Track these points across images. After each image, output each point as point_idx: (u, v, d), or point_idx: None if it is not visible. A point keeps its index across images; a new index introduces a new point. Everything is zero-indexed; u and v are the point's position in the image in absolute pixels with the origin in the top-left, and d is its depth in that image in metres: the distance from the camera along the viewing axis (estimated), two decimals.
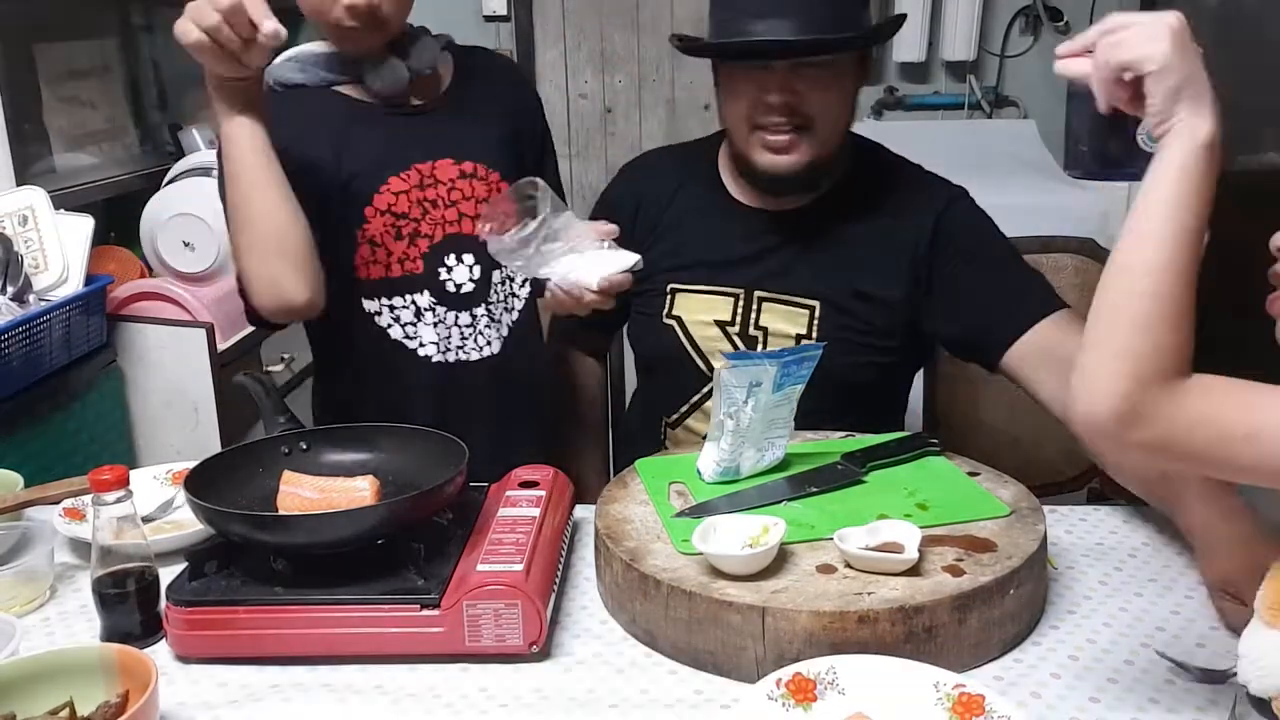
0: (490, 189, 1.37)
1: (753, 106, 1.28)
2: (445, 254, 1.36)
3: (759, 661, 0.92)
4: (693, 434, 1.41)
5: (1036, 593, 1.01)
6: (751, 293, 1.38)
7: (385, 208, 1.34)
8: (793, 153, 1.29)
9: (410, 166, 1.35)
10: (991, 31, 3.20)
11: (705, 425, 1.38)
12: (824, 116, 1.28)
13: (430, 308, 1.37)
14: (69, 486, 1.20)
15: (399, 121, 1.36)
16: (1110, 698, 0.89)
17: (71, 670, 0.88)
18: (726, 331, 1.38)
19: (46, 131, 2.22)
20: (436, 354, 1.38)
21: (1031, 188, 2.65)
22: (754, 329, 1.37)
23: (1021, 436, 1.77)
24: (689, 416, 1.43)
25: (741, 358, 1.09)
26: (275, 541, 1.01)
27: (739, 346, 1.38)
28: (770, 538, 0.97)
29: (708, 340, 1.39)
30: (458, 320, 1.38)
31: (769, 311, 1.37)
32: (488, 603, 0.95)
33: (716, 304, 1.39)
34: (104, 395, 1.93)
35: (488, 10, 3.25)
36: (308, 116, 1.33)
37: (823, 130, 1.29)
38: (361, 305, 1.36)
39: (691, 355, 1.40)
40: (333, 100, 1.35)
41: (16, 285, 1.75)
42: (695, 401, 1.41)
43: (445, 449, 1.10)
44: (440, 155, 1.36)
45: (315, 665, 0.97)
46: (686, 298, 1.40)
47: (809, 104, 1.27)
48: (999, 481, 1.15)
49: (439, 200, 1.36)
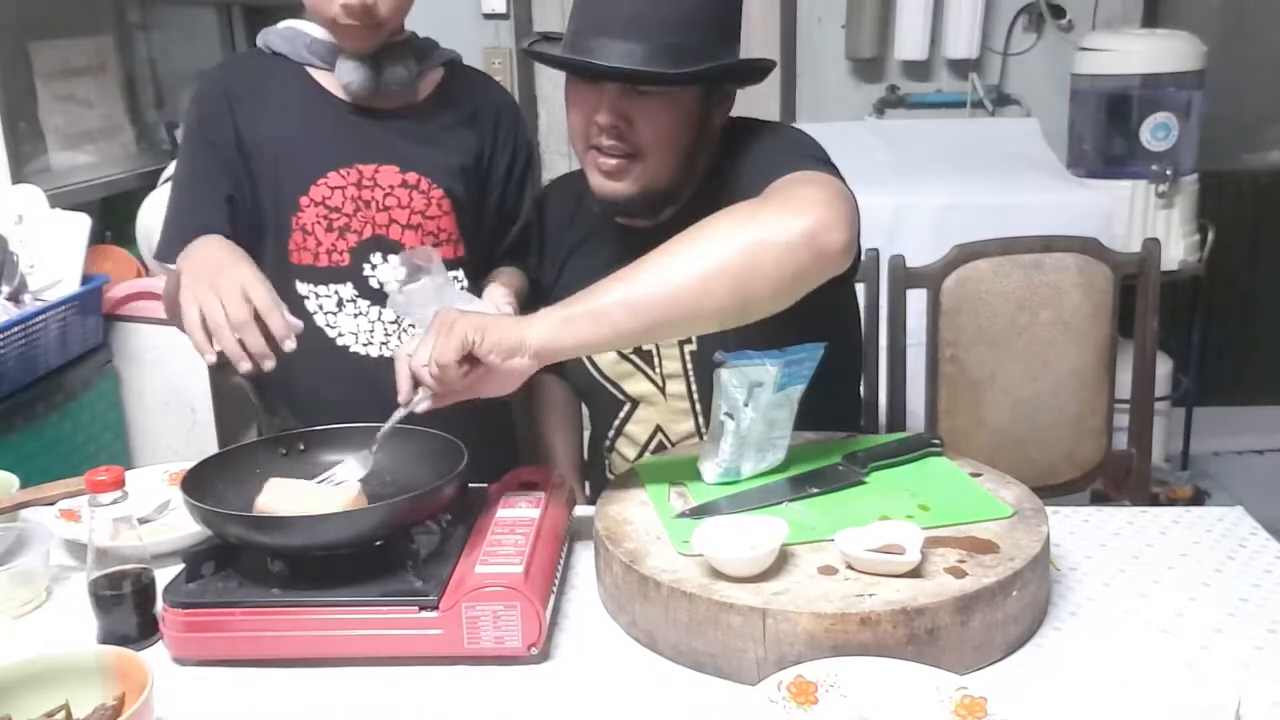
0: (430, 204, 1.39)
1: (586, 125, 1.25)
2: (371, 252, 1.38)
3: (760, 664, 0.91)
4: (625, 459, 1.42)
5: (1039, 594, 1.00)
6: None
7: (320, 199, 1.36)
8: (622, 179, 1.25)
9: (353, 165, 1.37)
10: (994, 29, 3.19)
11: (634, 451, 1.40)
12: (655, 146, 1.23)
13: (353, 299, 1.39)
14: (65, 487, 1.19)
15: (357, 120, 1.38)
16: (1114, 701, 0.88)
17: (67, 673, 0.87)
18: (622, 353, 1.37)
19: (42, 130, 2.21)
20: (356, 345, 1.40)
21: (1034, 186, 2.64)
22: (646, 344, 1.34)
23: (1024, 437, 1.77)
24: (617, 441, 1.43)
25: (740, 358, 1.09)
26: (272, 543, 1.00)
27: (637, 364, 1.37)
28: (771, 539, 0.97)
29: (610, 365, 1.39)
30: (380, 316, 1.40)
31: None
32: (486, 604, 0.94)
33: None
34: (100, 395, 1.93)
35: (487, 8, 3.24)
36: (275, 88, 1.36)
37: (653, 159, 1.24)
38: (295, 287, 1.38)
39: (603, 383, 1.40)
40: (304, 82, 1.38)
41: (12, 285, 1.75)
42: (618, 426, 1.42)
43: (444, 450, 1.10)
44: (386, 161, 1.38)
45: (312, 668, 0.96)
46: None
47: (638, 132, 1.23)
48: (1001, 482, 1.14)
49: (373, 202, 1.38)
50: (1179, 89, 2.72)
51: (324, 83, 1.38)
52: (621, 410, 1.41)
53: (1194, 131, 2.76)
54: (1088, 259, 1.76)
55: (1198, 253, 2.81)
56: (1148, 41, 2.77)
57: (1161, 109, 2.70)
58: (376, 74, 1.34)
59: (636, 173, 1.25)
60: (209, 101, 1.38)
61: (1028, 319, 1.76)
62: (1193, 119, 2.75)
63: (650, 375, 1.37)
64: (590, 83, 1.24)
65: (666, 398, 1.37)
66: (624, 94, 1.22)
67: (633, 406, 1.40)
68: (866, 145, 2.75)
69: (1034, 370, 1.77)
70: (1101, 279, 1.76)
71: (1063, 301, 1.76)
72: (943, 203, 2.37)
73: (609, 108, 1.22)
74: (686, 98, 1.24)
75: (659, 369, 1.36)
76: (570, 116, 1.28)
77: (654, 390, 1.37)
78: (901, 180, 2.51)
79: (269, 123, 1.35)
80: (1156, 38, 2.79)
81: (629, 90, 1.21)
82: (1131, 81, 2.73)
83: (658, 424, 1.39)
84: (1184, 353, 3.00)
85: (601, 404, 1.43)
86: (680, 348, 1.34)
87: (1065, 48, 3.08)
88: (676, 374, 1.35)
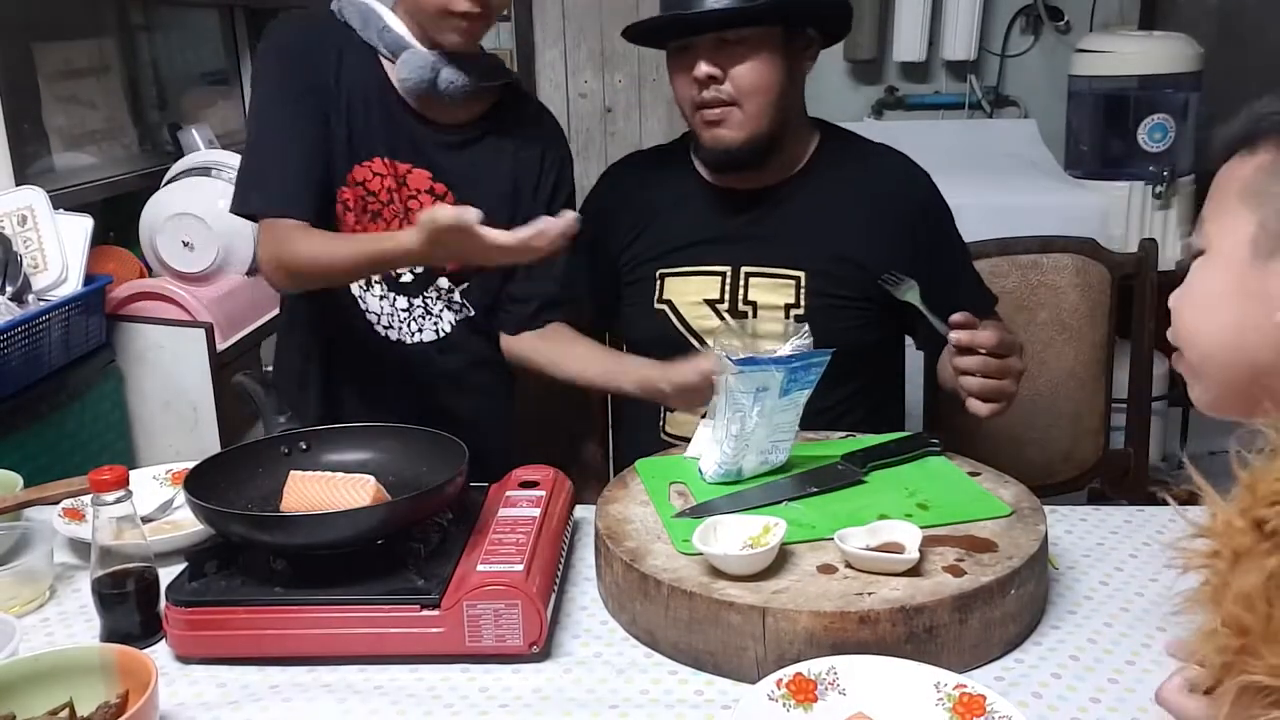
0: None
1: (687, 86, 1.35)
2: None
3: (759, 662, 0.91)
4: (690, 416, 1.42)
5: (1037, 593, 1.01)
6: (738, 269, 1.41)
7: (361, 180, 1.39)
8: (726, 126, 1.35)
9: (391, 160, 1.39)
10: (992, 31, 3.20)
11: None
12: (751, 91, 1.33)
13: (379, 281, 1.44)
14: (68, 487, 1.20)
15: (405, 118, 1.40)
16: (1111, 698, 0.89)
17: (71, 671, 0.87)
18: (716, 309, 1.42)
19: (46, 131, 2.22)
20: (376, 324, 1.45)
21: (1032, 187, 2.64)
22: (743, 304, 1.41)
23: (1022, 437, 1.77)
24: None
25: (748, 363, 1.09)
26: (275, 542, 1.01)
27: (729, 323, 1.41)
28: (771, 538, 0.97)
29: (699, 320, 1.43)
30: (395, 303, 1.45)
31: (756, 286, 1.41)
32: (488, 603, 0.94)
33: (705, 284, 1.42)
34: (103, 395, 1.93)
35: None
36: (348, 63, 1.38)
37: (750, 104, 1.33)
38: None
39: (685, 336, 1.44)
40: (369, 65, 1.39)
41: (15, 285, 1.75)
42: None
43: (445, 449, 1.10)
44: (420, 165, 1.40)
45: (315, 666, 0.97)
46: (675, 281, 1.44)
47: (734, 79, 1.33)
48: (999, 481, 1.15)
49: (402, 199, 1.40)
50: (1176, 90, 2.72)
51: (388, 71, 1.40)
52: None
53: (1191, 133, 2.76)
54: (1085, 259, 1.77)
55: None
56: (1145, 43, 2.77)
57: (1158, 110, 2.70)
58: (434, 79, 1.35)
59: (738, 119, 1.34)
60: (312, 50, 1.38)
61: (1025, 319, 1.76)
62: (1189, 120, 2.75)
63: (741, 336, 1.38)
64: (684, 52, 1.35)
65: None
66: (715, 48, 1.32)
67: None
68: None
69: (1031, 370, 1.77)
70: (1099, 279, 1.76)
71: (1060, 302, 1.76)
72: None
73: (705, 59, 1.32)
74: (770, 44, 1.33)
75: (752, 330, 1.37)
76: (675, 87, 1.38)
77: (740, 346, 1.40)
78: None
79: (338, 95, 1.37)
80: (1153, 39, 2.79)
81: (719, 44, 1.32)
82: (1129, 83, 2.73)
83: None
84: None
85: (672, 359, 1.39)
86: (786, 311, 1.40)
87: (1063, 49, 3.09)
88: (774, 334, 1.33)
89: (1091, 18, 3.16)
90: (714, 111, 1.34)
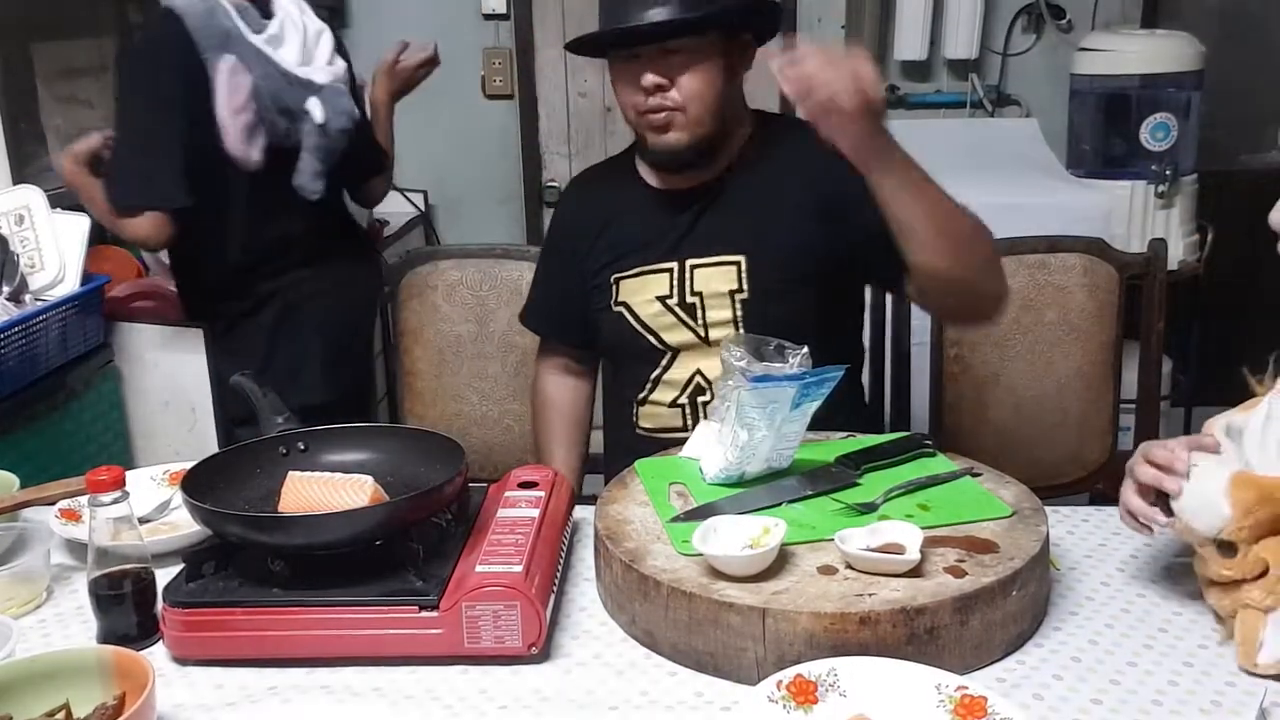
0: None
1: (633, 93, 1.41)
2: None
3: (759, 663, 0.91)
4: (659, 406, 1.48)
5: (1039, 594, 1.00)
6: (684, 262, 1.46)
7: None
8: (671, 130, 1.40)
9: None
10: (994, 29, 3.19)
11: (671, 394, 1.47)
12: (694, 96, 1.38)
13: None
14: (65, 487, 1.19)
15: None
16: (1113, 699, 0.88)
17: (68, 672, 0.87)
18: (667, 305, 1.46)
19: (43, 130, 2.22)
20: None
21: (1034, 187, 2.64)
22: (690, 295, 1.45)
23: (1029, 437, 1.76)
24: (654, 392, 1.49)
25: (762, 380, 1.08)
26: (273, 542, 1.00)
27: (680, 317, 1.45)
28: (771, 539, 0.97)
29: (653, 317, 1.48)
30: None
31: (700, 276, 1.45)
32: (487, 604, 0.94)
33: (653, 282, 1.47)
34: (101, 395, 1.93)
35: (487, 9, 3.24)
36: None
37: (694, 108, 1.39)
38: None
39: (643, 334, 1.48)
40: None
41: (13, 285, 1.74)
42: (656, 377, 1.49)
43: (444, 449, 1.10)
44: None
45: (313, 667, 0.97)
46: (629, 283, 1.49)
47: (678, 86, 1.38)
48: (1000, 482, 1.14)
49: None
50: (1178, 89, 2.71)
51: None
52: (662, 359, 1.48)
53: (1193, 132, 2.75)
54: (1093, 259, 1.76)
55: (1197, 253, 2.81)
56: (1147, 42, 2.77)
57: (1161, 109, 2.70)
58: None
59: (681, 122, 1.40)
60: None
61: (1032, 319, 1.76)
62: (1192, 119, 2.75)
63: (693, 326, 1.45)
64: (628, 62, 1.40)
65: (709, 344, 1.44)
66: (659, 57, 1.38)
67: (672, 355, 1.47)
68: None
69: (1038, 370, 1.77)
70: (1106, 279, 1.75)
71: (1068, 302, 1.75)
72: None
73: (650, 69, 1.38)
74: (711, 50, 1.39)
75: (703, 319, 1.45)
76: (619, 95, 1.44)
77: (695, 340, 1.45)
78: None
79: None
80: (1156, 38, 2.79)
81: (662, 53, 1.37)
82: (1131, 82, 2.73)
83: (697, 368, 1.45)
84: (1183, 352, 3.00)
85: (637, 357, 1.50)
86: (731, 297, 1.44)
87: (1065, 48, 3.08)
88: (724, 321, 1.44)
89: (1093, 16, 3.16)
90: (659, 116, 1.40)
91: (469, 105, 3.29)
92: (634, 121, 1.44)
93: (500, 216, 3.39)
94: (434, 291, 1.86)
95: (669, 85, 1.38)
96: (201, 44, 1.72)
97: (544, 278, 1.65)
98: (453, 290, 1.86)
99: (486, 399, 1.86)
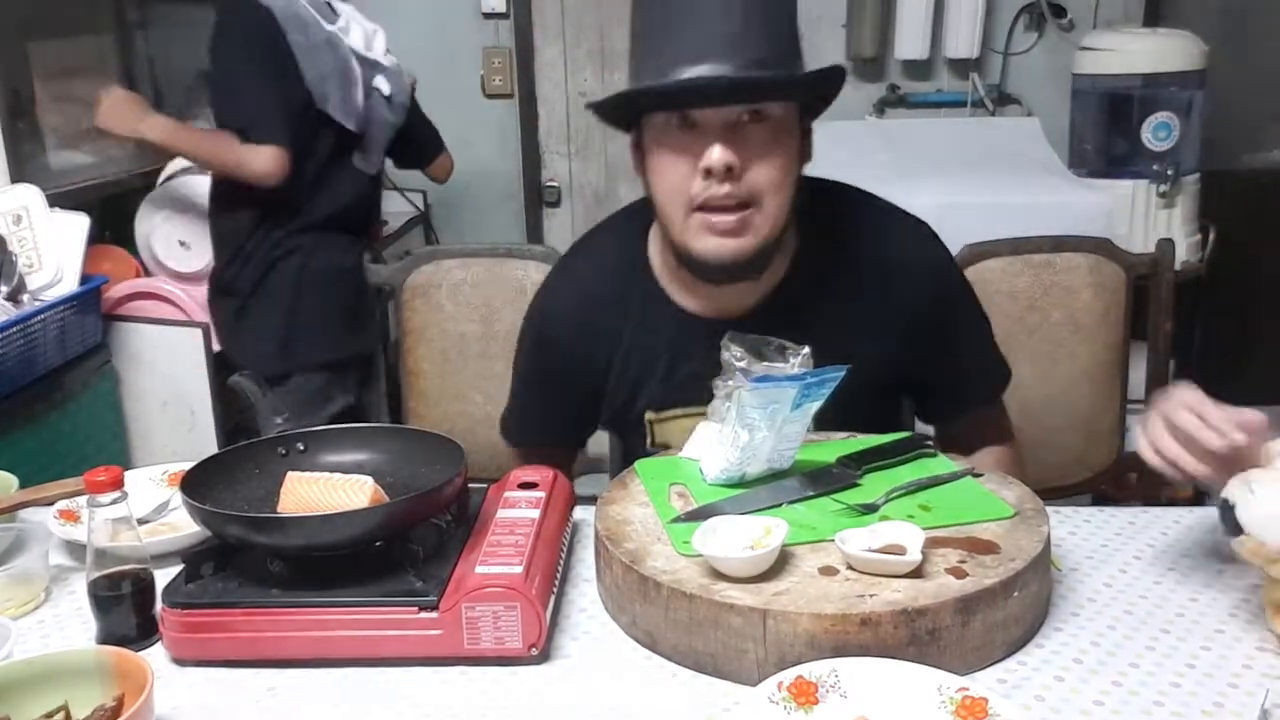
0: None
1: (689, 178, 1.07)
2: None
3: (760, 664, 0.91)
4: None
5: (1040, 595, 1.00)
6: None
7: None
8: (742, 235, 1.08)
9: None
10: (995, 29, 3.19)
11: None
12: (771, 186, 1.07)
13: None
14: (64, 488, 1.19)
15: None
16: (1115, 700, 0.88)
17: (67, 673, 0.87)
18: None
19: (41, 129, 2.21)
20: None
21: (1036, 186, 2.63)
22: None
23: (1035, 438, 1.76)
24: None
25: (763, 380, 1.08)
26: (272, 543, 1.00)
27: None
28: (771, 539, 0.96)
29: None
30: None
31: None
32: (487, 605, 0.94)
33: (697, 416, 1.20)
34: (99, 396, 1.93)
35: (486, 8, 3.24)
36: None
37: (771, 202, 1.08)
38: None
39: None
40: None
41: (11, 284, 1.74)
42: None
43: (444, 450, 1.10)
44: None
45: (312, 668, 0.96)
46: (666, 426, 1.28)
47: (754, 172, 1.06)
48: (1002, 483, 1.14)
49: None
50: (1180, 89, 2.71)
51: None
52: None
53: (1195, 131, 2.75)
54: (1099, 259, 1.75)
55: (1199, 253, 2.81)
56: (1149, 41, 2.76)
57: (1163, 109, 2.69)
58: None
59: (756, 224, 1.07)
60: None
61: (1038, 319, 1.75)
62: (1194, 119, 2.74)
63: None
64: (688, 129, 1.06)
65: None
66: (732, 127, 1.05)
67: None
68: (867, 145, 2.74)
69: (1044, 371, 1.76)
70: (1113, 279, 1.74)
71: (1073, 302, 1.74)
72: (943, 202, 2.36)
73: (722, 143, 1.03)
74: (791, 121, 1.09)
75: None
76: (666, 176, 1.09)
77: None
78: (902, 180, 2.50)
79: None
80: (1158, 37, 2.79)
81: (734, 124, 1.05)
82: (1133, 81, 2.72)
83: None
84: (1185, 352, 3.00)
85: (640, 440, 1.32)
86: None
87: (1066, 47, 3.08)
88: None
89: (1095, 15, 3.16)
90: (729, 219, 1.06)
91: (469, 105, 3.29)
92: (682, 222, 1.09)
93: (500, 216, 3.40)
94: (438, 291, 1.85)
95: (739, 170, 1.05)
96: (287, 28, 2.04)
97: (533, 399, 1.37)
98: (457, 289, 1.85)
99: (491, 399, 1.85)
